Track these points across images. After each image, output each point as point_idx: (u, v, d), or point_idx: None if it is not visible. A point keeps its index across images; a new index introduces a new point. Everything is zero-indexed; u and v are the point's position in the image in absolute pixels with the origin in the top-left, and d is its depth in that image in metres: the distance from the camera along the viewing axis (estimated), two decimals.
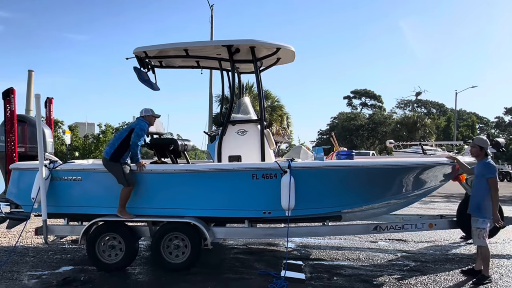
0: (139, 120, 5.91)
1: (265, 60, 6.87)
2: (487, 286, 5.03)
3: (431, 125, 46.66)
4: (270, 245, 7.31)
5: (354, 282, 5.18)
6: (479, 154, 5.45)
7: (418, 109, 68.62)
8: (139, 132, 5.72)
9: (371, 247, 7.18)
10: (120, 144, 5.73)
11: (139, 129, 5.74)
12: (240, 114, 6.84)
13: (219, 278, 5.38)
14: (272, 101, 26.80)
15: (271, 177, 5.68)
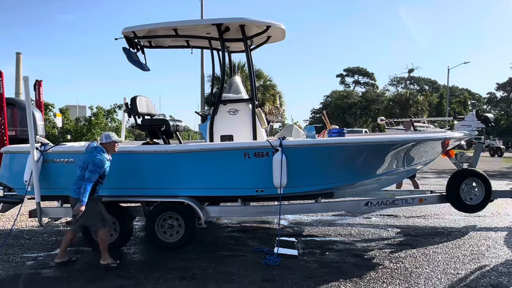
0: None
1: (255, 38, 6.81)
2: (474, 257, 5.16)
3: (424, 102, 46.77)
4: (263, 223, 7.42)
5: (346, 257, 5.29)
6: None
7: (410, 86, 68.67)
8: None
9: (363, 223, 7.31)
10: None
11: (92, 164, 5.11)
12: (231, 94, 6.83)
13: (213, 256, 5.47)
14: (264, 81, 26.70)
15: (263, 155, 5.71)
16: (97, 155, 5.13)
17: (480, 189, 6.62)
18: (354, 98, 54.98)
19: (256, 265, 5.00)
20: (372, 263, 5.03)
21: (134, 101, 6.57)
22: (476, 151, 7.21)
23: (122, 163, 5.88)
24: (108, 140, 5.29)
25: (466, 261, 5.01)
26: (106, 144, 5.31)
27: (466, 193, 6.62)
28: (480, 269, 4.74)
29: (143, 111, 6.69)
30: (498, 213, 7.88)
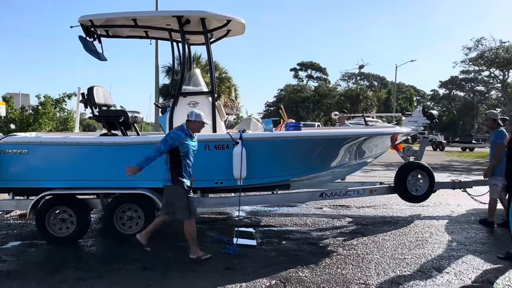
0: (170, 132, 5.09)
1: (215, 32, 6.87)
2: (419, 243, 5.58)
3: (373, 97, 48.60)
4: (222, 214, 7.54)
5: (302, 245, 5.54)
6: (493, 125, 6.54)
7: (361, 82, 70.93)
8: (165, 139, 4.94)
9: (317, 213, 7.62)
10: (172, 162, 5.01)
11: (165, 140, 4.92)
12: (191, 86, 6.87)
13: (174, 246, 5.53)
14: (220, 73, 26.66)
15: (223, 148, 5.83)
16: (175, 130, 4.93)
17: (424, 181, 7.10)
18: (307, 92, 56.08)
19: (217, 255, 5.11)
20: (326, 250, 5.31)
21: (91, 92, 6.43)
22: (421, 145, 7.72)
23: (79, 154, 5.79)
24: (197, 119, 4.94)
25: (412, 247, 5.41)
26: (192, 123, 4.96)
27: (412, 185, 7.09)
28: (424, 254, 5.14)
29: (100, 102, 6.57)
30: (440, 203, 8.48)
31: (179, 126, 5.08)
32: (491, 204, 6.54)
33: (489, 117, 6.67)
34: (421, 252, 5.21)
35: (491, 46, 35.57)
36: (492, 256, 5.05)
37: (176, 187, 4.86)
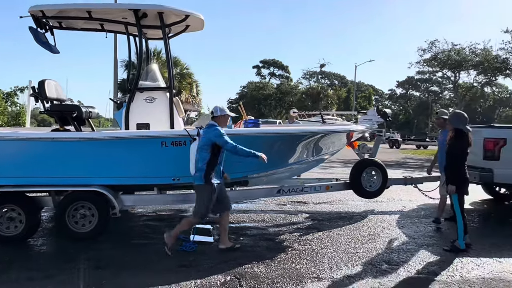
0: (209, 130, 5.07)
1: (173, 26, 6.78)
2: (371, 237, 5.77)
3: (333, 95, 49.60)
4: (180, 211, 7.47)
5: (259, 241, 5.59)
6: (444, 124, 6.59)
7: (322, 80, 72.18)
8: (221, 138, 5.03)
9: (275, 209, 7.71)
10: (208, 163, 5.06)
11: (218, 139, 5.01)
12: (148, 81, 6.75)
13: (129, 245, 5.44)
14: (181, 69, 26.31)
15: (180, 144, 5.77)
16: (212, 128, 5.02)
17: (378, 177, 7.33)
18: (269, 89, 56.46)
19: (172, 252, 5.07)
20: (282, 245, 5.39)
21: (42, 85, 6.18)
22: (376, 143, 7.96)
23: (29, 150, 5.57)
24: (223, 113, 5.17)
25: (364, 241, 5.59)
26: (219, 118, 5.15)
27: (367, 181, 7.30)
28: (375, 247, 5.32)
29: (52, 96, 6.33)
30: (393, 199, 8.80)
31: (209, 125, 5.13)
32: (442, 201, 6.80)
33: (440, 116, 6.84)
34: (372, 246, 5.39)
35: (443, 49, 37.18)
36: (439, 248, 5.30)
37: (204, 186, 4.99)
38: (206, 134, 5.02)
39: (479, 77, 40.80)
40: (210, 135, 4.97)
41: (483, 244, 5.54)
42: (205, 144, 4.98)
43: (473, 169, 7.13)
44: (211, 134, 4.97)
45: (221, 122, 5.18)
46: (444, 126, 6.75)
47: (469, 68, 37.77)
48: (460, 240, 5.22)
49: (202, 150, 4.99)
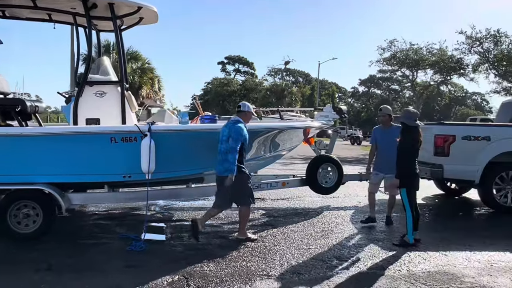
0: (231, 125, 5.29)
1: (126, 19, 6.56)
2: (325, 233, 5.80)
3: (297, 93, 50.09)
4: (134, 209, 7.26)
5: (212, 239, 5.50)
6: (388, 121, 6.32)
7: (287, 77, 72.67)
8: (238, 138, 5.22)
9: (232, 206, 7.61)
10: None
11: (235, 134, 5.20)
12: (99, 75, 6.51)
13: (75, 245, 5.21)
14: (142, 63, 25.74)
15: (131, 140, 5.59)
16: (236, 124, 5.24)
17: (334, 173, 7.41)
18: (234, 86, 56.28)
19: (121, 252, 4.90)
20: (235, 243, 5.32)
21: None
22: (332, 139, 8.03)
23: None
24: (249, 110, 5.51)
25: (317, 237, 5.60)
26: (246, 113, 5.46)
27: (322, 177, 7.36)
28: (328, 243, 5.35)
29: None
30: (349, 194, 8.92)
31: (234, 120, 5.36)
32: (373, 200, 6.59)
33: (385, 113, 6.44)
34: (325, 242, 5.41)
35: (402, 48, 38.30)
36: (389, 243, 5.39)
37: (240, 176, 5.24)
38: (231, 128, 5.25)
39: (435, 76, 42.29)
40: (229, 129, 5.24)
41: (433, 238, 5.68)
42: (227, 137, 5.21)
43: (424, 165, 7.33)
44: (234, 129, 5.21)
45: (246, 118, 5.48)
46: (388, 123, 6.39)
47: (426, 67, 39.08)
48: (409, 234, 5.32)
49: (225, 143, 5.22)
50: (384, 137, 6.28)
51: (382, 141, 6.30)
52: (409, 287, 3.97)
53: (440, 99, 64.98)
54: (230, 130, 5.21)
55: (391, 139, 5.85)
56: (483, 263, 4.71)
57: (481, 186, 7.41)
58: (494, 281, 4.14)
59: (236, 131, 5.16)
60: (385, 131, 6.34)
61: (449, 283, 4.07)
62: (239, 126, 5.22)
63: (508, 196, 7.35)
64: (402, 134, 5.55)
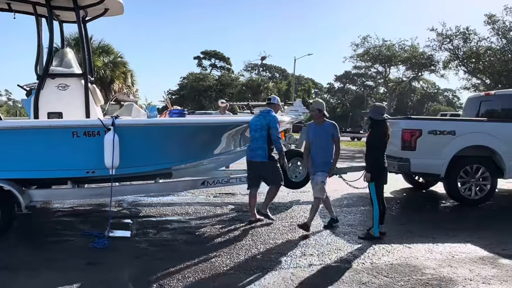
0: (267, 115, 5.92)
1: (90, 9, 6.38)
2: (292, 229, 5.80)
3: (273, 88, 50.15)
4: (101, 206, 7.09)
5: (178, 235, 5.41)
6: (319, 116, 5.65)
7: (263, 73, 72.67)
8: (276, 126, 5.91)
9: (201, 202, 7.56)
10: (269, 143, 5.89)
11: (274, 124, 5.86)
12: (62, 67, 6.31)
13: (35, 243, 5.04)
14: (114, 57, 25.15)
15: (94, 134, 5.42)
16: (271, 113, 5.95)
17: (303, 168, 7.41)
18: (210, 81, 55.89)
19: (83, 250, 4.77)
20: (202, 239, 5.26)
21: None
22: (302, 133, 8.03)
23: None
24: (278, 102, 6.29)
25: (285, 232, 5.59)
26: (276, 105, 6.21)
27: (292, 171, 7.35)
28: (294, 238, 5.33)
29: None
30: None
31: (266, 111, 6.01)
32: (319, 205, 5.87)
33: (314, 108, 5.70)
34: (292, 236, 5.41)
35: (375, 44, 38.88)
36: (355, 237, 5.43)
37: (271, 162, 5.93)
38: (266, 117, 5.89)
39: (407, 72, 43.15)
40: (266, 119, 5.85)
41: (398, 231, 5.76)
42: (265, 125, 5.84)
43: (392, 159, 7.43)
44: (270, 118, 5.87)
45: (275, 109, 6.19)
46: (320, 118, 5.68)
47: (398, 63, 39.82)
48: (375, 228, 5.37)
49: (263, 130, 5.84)
50: (317, 134, 5.67)
51: (314, 137, 5.68)
52: (371, 279, 3.99)
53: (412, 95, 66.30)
54: (266, 119, 5.85)
55: (322, 136, 5.56)
56: (445, 254, 4.79)
57: (446, 179, 7.56)
58: (454, 272, 4.22)
59: (275, 120, 5.88)
60: (318, 127, 5.70)
61: (410, 275, 4.13)
62: (275, 116, 5.99)
63: (472, 189, 7.53)
64: (369, 128, 5.63)
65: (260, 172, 5.98)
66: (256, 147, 5.90)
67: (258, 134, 5.88)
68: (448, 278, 4.06)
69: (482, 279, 4.04)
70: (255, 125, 5.94)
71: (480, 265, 4.45)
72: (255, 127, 5.93)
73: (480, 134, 7.53)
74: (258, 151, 5.87)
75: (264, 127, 5.86)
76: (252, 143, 5.98)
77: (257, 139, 5.89)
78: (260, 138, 5.86)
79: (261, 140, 5.87)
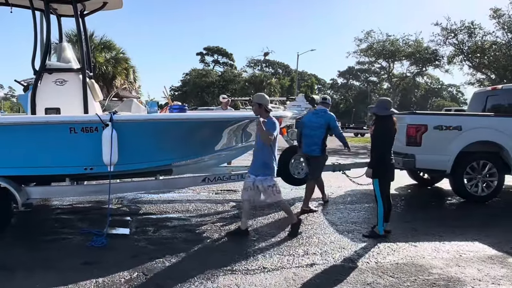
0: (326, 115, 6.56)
1: (88, 3, 6.26)
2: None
3: (276, 84, 49.91)
4: (100, 203, 6.97)
5: (178, 233, 5.29)
6: (259, 111, 5.05)
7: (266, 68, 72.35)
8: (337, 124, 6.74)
9: (202, 199, 7.44)
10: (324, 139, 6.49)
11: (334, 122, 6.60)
12: (60, 62, 6.20)
13: (31, 242, 4.92)
14: (116, 53, 25.05)
15: (92, 130, 5.30)
16: (328, 112, 6.61)
17: (306, 164, 7.25)
18: (212, 77, 55.72)
19: (80, 248, 4.66)
20: (201, 237, 5.13)
21: None
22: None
23: None
24: (330, 102, 6.83)
25: (287, 230, 5.41)
26: (329, 105, 6.75)
27: (295, 168, 7.21)
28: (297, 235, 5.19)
29: None
30: None
31: (323, 110, 6.62)
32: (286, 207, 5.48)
33: (255, 102, 5.14)
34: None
35: (379, 39, 38.52)
36: (359, 235, 5.29)
37: (324, 156, 6.59)
38: (324, 116, 6.53)
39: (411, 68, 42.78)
40: (328, 117, 6.51)
41: (403, 229, 5.62)
42: (324, 124, 6.45)
43: (397, 155, 7.26)
44: (328, 117, 6.53)
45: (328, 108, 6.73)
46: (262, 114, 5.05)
47: (402, 58, 39.47)
48: (380, 226, 5.24)
49: (320, 128, 6.43)
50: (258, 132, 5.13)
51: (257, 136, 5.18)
52: (376, 279, 3.86)
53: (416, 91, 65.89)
54: (325, 118, 6.49)
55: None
56: (452, 253, 4.65)
57: (452, 175, 7.41)
58: (462, 272, 4.08)
59: (334, 118, 6.60)
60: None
61: (416, 275, 3.99)
62: (333, 114, 6.65)
63: (479, 186, 7.37)
64: (374, 123, 5.49)
65: (310, 164, 6.61)
66: (312, 143, 6.44)
67: (316, 132, 6.42)
68: (456, 278, 3.92)
69: (492, 279, 3.91)
70: (312, 122, 6.46)
71: (489, 264, 4.31)
72: (313, 125, 6.45)
73: (487, 130, 7.36)
74: (313, 147, 6.44)
75: (322, 126, 6.44)
76: (307, 139, 6.49)
77: (313, 136, 6.42)
78: (318, 135, 6.40)
79: (318, 137, 6.41)
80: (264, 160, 5.07)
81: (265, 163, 5.07)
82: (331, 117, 6.55)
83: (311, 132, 6.44)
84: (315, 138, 6.42)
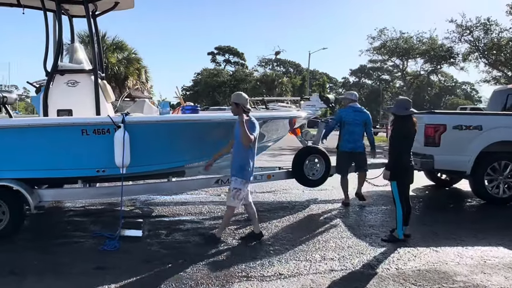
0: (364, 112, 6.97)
1: (100, 3, 6.18)
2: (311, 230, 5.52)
3: (287, 83, 49.63)
4: (113, 205, 6.91)
5: (191, 236, 5.19)
6: (237, 110, 4.74)
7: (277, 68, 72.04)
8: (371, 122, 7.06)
9: (215, 201, 7.33)
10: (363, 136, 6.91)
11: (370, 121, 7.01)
12: (72, 63, 6.14)
13: (43, 245, 4.85)
14: (128, 53, 25.13)
15: (104, 132, 5.23)
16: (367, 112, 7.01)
17: (321, 165, 7.10)
18: (224, 76, 55.68)
19: (92, 252, 4.58)
20: None
21: None
22: (319, 130, 7.72)
23: None
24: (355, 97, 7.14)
25: (303, 233, 5.26)
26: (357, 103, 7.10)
27: (309, 169, 7.06)
28: (313, 240, 5.05)
29: None
30: (337, 186, 8.48)
31: (360, 108, 7.01)
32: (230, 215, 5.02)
33: (232, 101, 4.80)
34: (311, 238, 5.12)
35: (392, 37, 37.98)
36: (377, 239, 5.12)
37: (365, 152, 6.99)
38: (362, 113, 6.93)
39: (425, 65, 42.15)
40: (365, 116, 6.91)
41: (423, 232, 5.43)
42: (363, 121, 6.83)
43: (414, 155, 7.03)
44: (366, 115, 6.93)
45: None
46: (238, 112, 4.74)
47: (416, 56, 38.87)
48: (399, 229, 5.06)
49: (360, 125, 6.81)
50: (236, 131, 4.87)
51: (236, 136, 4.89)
52: (398, 287, 3.70)
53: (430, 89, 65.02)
54: (364, 116, 6.88)
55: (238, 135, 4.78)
56: (476, 259, 4.46)
57: (472, 176, 7.19)
58: (488, 280, 3.90)
59: (370, 117, 6.99)
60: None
61: (440, 282, 3.82)
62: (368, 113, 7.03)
63: (500, 187, 7.14)
64: (393, 124, 5.34)
65: (357, 160, 6.89)
66: (356, 139, 6.78)
67: (358, 128, 6.78)
68: (483, 287, 3.74)
69: None
70: (355, 119, 6.79)
71: None
72: (355, 122, 6.79)
73: (508, 129, 7.12)
74: (358, 143, 6.81)
75: (362, 123, 6.81)
76: (350, 135, 6.79)
77: (355, 132, 6.77)
78: (360, 131, 6.80)
79: (360, 133, 6.81)
80: (240, 162, 4.82)
81: (240, 165, 4.81)
82: (368, 115, 6.93)
83: (355, 128, 6.77)
84: (357, 134, 6.78)
